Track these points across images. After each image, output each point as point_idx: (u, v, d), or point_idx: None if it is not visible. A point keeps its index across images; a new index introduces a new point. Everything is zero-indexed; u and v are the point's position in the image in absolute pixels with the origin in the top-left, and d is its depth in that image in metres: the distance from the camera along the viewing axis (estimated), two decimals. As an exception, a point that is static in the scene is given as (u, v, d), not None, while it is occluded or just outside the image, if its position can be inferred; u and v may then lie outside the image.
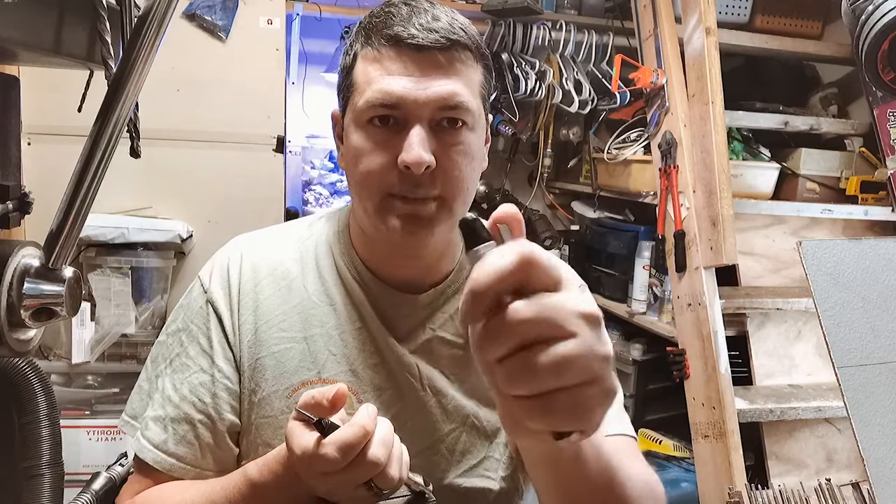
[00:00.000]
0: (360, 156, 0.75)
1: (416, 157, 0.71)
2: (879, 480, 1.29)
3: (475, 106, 0.76)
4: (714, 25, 1.88)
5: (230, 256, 0.87)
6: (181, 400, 0.81)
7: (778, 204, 2.10)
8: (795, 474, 1.91)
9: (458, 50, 0.74)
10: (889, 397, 1.35)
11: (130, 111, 0.60)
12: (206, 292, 0.85)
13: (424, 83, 0.72)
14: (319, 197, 2.70)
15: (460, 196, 0.77)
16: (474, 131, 0.77)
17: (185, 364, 0.83)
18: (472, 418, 0.85)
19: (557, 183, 2.72)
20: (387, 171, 0.74)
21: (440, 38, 0.72)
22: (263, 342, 0.82)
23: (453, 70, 0.74)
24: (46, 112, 1.87)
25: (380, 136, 0.74)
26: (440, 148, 0.74)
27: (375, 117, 0.74)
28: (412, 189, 0.73)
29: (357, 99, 0.75)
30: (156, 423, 0.81)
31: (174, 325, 0.87)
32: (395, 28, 0.72)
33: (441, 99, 0.72)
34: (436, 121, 0.74)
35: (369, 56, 0.75)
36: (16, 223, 0.68)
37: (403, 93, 0.72)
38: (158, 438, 0.80)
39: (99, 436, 1.93)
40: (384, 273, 0.84)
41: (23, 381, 1.01)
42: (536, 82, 2.30)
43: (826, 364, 1.85)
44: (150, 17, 0.57)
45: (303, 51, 2.41)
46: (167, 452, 0.80)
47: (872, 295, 1.42)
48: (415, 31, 0.72)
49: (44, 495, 1.01)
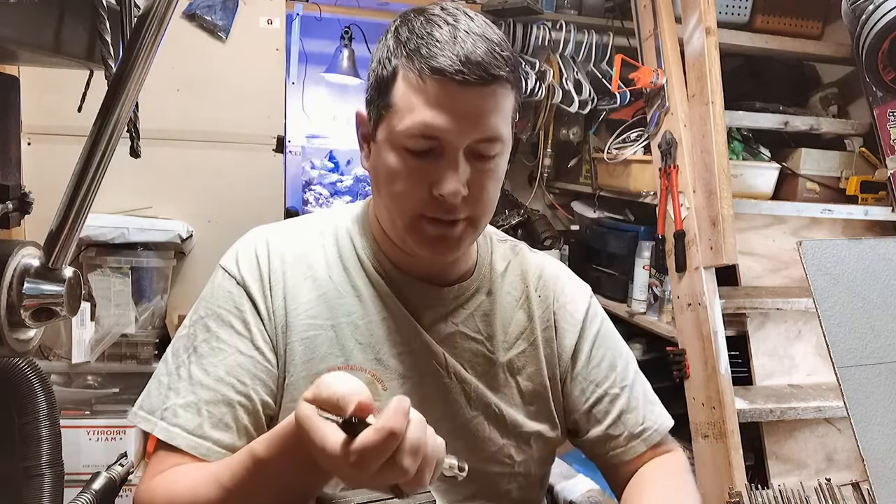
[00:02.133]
0: (393, 178, 0.77)
1: (452, 190, 0.74)
2: (879, 480, 1.29)
3: (507, 133, 0.78)
4: (714, 25, 1.88)
5: (256, 244, 0.87)
6: (217, 381, 0.80)
7: (778, 204, 2.10)
8: (795, 474, 1.91)
9: (500, 83, 0.75)
10: (889, 397, 1.35)
11: (130, 111, 0.60)
12: (234, 277, 0.85)
13: (465, 119, 0.74)
14: (319, 197, 2.70)
15: (486, 216, 0.81)
16: (503, 155, 0.80)
17: (216, 348, 0.81)
18: (494, 408, 0.88)
19: (557, 183, 2.72)
20: (419, 196, 0.76)
21: (484, 74, 0.73)
22: (293, 327, 0.83)
23: (493, 104, 0.75)
24: (46, 112, 1.87)
25: (415, 163, 0.76)
26: (473, 175, 0.76)
27: (413, 147, 0.76)
28: (443, 213, 0.77)
29: (396, 122, 0.76)
30: (186, 409, 0.79)
31: (196, 314, 0.85)
32: (439, 59, 0.72)
33: (480, 133, 0.75)
34: (470, 149, 0.76)
35: (412, 81, 0.74)
36: (16, 223, 0.69)
37: (444, 127, 0.73)
38: (192, 423, 0.78)
39: (99, 436, 1.93)
40: (407, 268, 0.87)
41: (23, 381, 1.01)
42: (536, 82, 2.30)
43: (826, 364, 1.85)
44: (150, 17, 0.57)
45: (303, 51, 2.41)
46: (203, 437, 0.78)
47: (872, 295, 1.42)
48: (459, 67, 0.72)
49: (44, 495, 1.01)
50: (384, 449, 0.56)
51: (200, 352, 0.82)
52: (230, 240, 0.91)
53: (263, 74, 2.19)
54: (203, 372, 0.80)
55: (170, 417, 0.79)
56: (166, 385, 0.82)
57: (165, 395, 0.81)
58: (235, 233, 0.92)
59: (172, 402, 0.79)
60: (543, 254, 1.01)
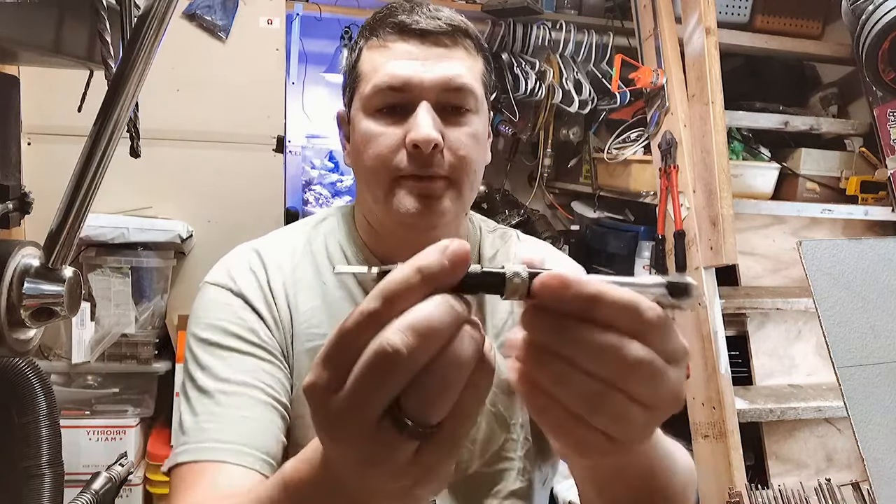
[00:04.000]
0: (368, 141, 0.76)
1: (424, 135, 0.72)
2: (879, 480, 1.29)
3: (479, 91, 0.78)
4: (714, 25, 1.88)
5: (247, 259, 0.84)
6: (242, 386, 0.73)
7: (778, 204, 2.11)
8: (795, 474, 1.91)
9: (461, 36, 0.77)
10: (889, 397, 1.35)
11: (130, 111, 0.60)
12: (229, 290, 0.80)
13: (429, 65, 0.75)
14: (319, 197, 2.69)
15: (467, 178, 0.78)
16: (478, 115, 0.79)
17: (225, 358, 0.74)
18: (490, 406, 0.86)
19: (557, 183, 2.72)
20: (395, 152, 0.75)
21: (443, 24, 0.75)
22: (298, 336, 0.81)
23: (457, 54, 0.76)
24: (46, 112, 1.87)
25: (387, 120, 0.76)
26: (446, 128, 0.75)
27: (384, 107, 0.75)
28: (421, 168, 0.74)
29: (364, 87, 0.77)
30: (223, 421, 0.71)
31: (193, 342, 0.77)
32: (399, 17, 0.76)
33: (447, 80, 0.75)
34: (441, 104, 0.75)
35: (375, 45, 0.78)
36: (16, 223, 0.68)
37: (410, 73, 0.74)
38: (234, 435, 0.70)
39: (99, 436, 1.93)
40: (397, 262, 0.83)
41: (23, 381, 1.01)
42: (536, 82, 2.30)
43: (826, 364, 1.85)
44: (150, 17, 0.57)
45: (303, 51, 2.41)
46: (252, 446, 0.69)
47: (872, 295, 1.42)
48: (418, 18, 0.75)
49: (44, 495, 1.01)
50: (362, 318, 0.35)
51: (215, 371, 0.74)
52: (230, 240, 0.90)
53: (263, 74, 2.18)
54: (225, 383, 0.73)
55: (198, 442, 0.70)
56: (196, 415, 0.72)
57: (201, 428, 0.71)
58: (235, 233, 0.92)
59: (210, 426, 0.71)
60: (535, 239, 0.99)
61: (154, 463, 1.95)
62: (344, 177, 2.75)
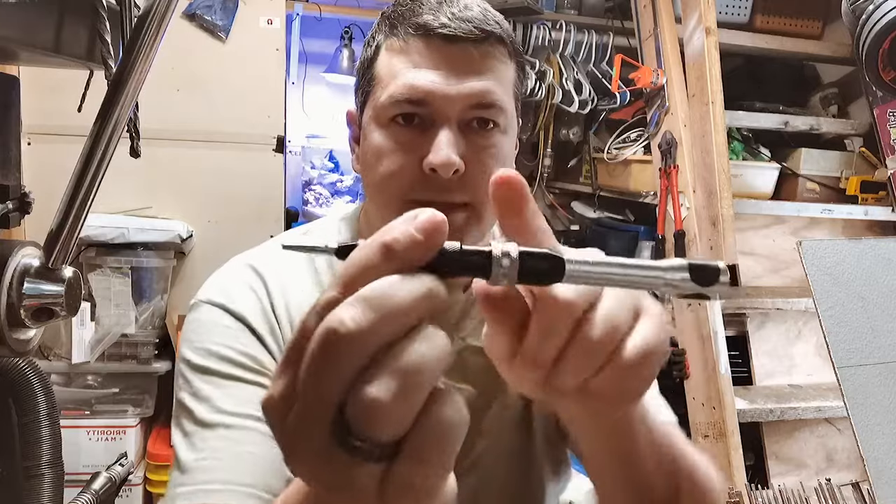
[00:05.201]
0: (379, 156, 0.67)
1: (444, 159, 0.63)
2: (879, 480, 1.29)
3: (509, 107, 0.68)
4: (714, 25, 1.88)
5: (245, 276, 0.74)
6: (244, 418, 0.65)
7: (778, 204, 2.11)
8: (795, 474, 1.91)
9: (493, 44, 0.66)
10: (889, 397, 1.35)
11: (130, 111, 0.60)
12: (226, 310, 0.71)
13: (455, 79, 0.65)
14: (319, 197, 2.69)
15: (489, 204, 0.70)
16: (506, 134, 0.69)
17: (229, 392, 0.66)
18: (507, 442, 0.77)
19: (557, 183, 2.72)
20: (409, 173, 0.66)
21: (474, 30, 0.64)
22: None
23: (487, 66, 0.66)
24: (46, 112, 1.87)
25: (403, 135, 0.66)
26: (470, 151, 0.66)
27: (399, 115, 0.66)
28: (437, 194, 0.65)
29: (379, 94, 0.67)
30: (227, 459, 0.64)
31: (187, 369, 0.70)
32: (423, 17, 0.65)
33: (473, 97, 0.65)
34: (465, 121, 0.66)
35: (394, 47, 0.67)
36: (16, 223, 0.68)
37: (432, 88, 0.64)
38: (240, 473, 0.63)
39: (99, 436, 1.93)
40: None
41: (23, 381, 1.01)
42: (536, 82, 2.30)
43: (826, 364, 1.85)
44: (150, 17, 0.57)
45: (303, 51, 2.41)
46: (259, 487, 0.62)
47: (872, 295, 1.42)
48: (446, 20, 0.64)
49: (44, 495, 1.01)
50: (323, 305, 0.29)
51: (214, 402, 0.66)
52: (230, 240, 0.90)
53: (263, 74, 2.19)
54: (227, 416, 0.65)
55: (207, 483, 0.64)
56: (188, 466, 0.65)
57: (202, 467, 0.64)
58: (235, 233, 0.91)
59: (212, 464, 0.64)
60: None
61: (154, 463, 1.95)
62: (344, 177, 2.75)
